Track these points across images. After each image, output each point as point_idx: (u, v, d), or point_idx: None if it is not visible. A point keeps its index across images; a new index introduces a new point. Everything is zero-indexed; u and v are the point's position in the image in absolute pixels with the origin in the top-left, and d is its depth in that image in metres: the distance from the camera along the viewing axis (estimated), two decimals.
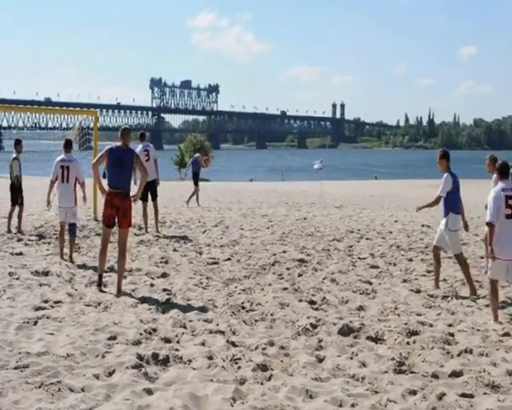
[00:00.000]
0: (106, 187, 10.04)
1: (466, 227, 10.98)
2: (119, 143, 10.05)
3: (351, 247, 15.06)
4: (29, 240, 14.68)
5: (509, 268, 8.68)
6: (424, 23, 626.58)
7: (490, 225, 8.60)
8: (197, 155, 27.08)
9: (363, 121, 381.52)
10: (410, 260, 13.53)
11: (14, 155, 15.84)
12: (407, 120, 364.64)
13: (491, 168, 11.12)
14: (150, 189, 16.43)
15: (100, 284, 10.06)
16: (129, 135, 10.16)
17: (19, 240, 14.65)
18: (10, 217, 15.84)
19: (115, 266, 10.70)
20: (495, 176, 10.28)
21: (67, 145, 13.05)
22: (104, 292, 9.83)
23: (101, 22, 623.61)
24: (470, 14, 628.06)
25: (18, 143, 15.98)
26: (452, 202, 10.45)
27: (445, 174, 10.49)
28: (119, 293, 9.69)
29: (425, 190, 47.23)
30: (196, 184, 26.24)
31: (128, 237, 10.49)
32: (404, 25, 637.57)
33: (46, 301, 9.10)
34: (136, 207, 10.50)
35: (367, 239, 16.45)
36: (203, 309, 8.95)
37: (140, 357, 6.69)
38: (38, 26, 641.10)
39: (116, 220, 9.96)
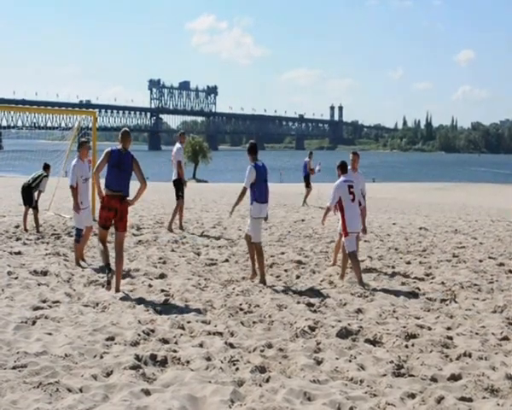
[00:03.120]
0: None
1: (265, 219, 11.55)
2: (119, 146, 9.88)
3: None
4: (28, 239, 14.66)
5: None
6: (422, 27, 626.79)
7: (327, 208, 11.53)
8: (306, 159, 28.12)
9: (361, 124, 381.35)
10: (409, 262, 13.53)
11: (45, 174, 16.56)
12: (405, 122, 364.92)
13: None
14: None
15: (109, 269, 9.97)
16: (129, 138, 10.03)
17: (17, 239, 14.65)
18: (25, 217, 16.35)
19: (113, 267, 10.63)
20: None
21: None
22: (110, 282, 9.84)
23: (101, 23, 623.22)
24: (468, 19, 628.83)
25: (47, 167, 16.83)
26: (256, 192, 11.13)
27: (249, 166, 11.17)
28: (118, 292, 9.69)
29: (423, 194, 47.27)
30: (307, 185, 27.98)
31: (125, 238, 10.44)
32: (402, 28, 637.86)
33: (44, 301, 9.07)
34: (131, 208, 10.40)
35: (365, 241, 16.39)
36: (201, 310, 8.94)
37: (138, 358, 6.67)
38: (38, 27, 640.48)
39: (113, 222, 9.87)
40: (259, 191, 11.12)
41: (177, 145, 17.47)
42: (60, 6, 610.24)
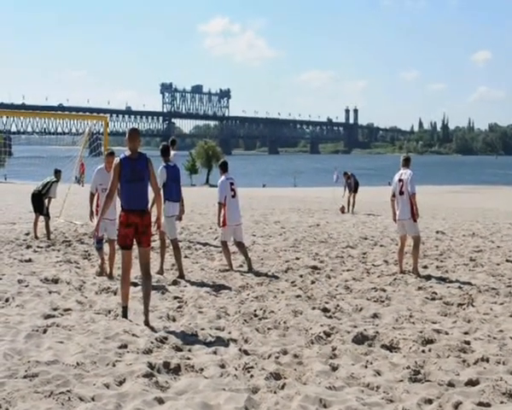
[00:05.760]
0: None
1: (180, 215, 12.48)
2: (127, 152, 8.37)
3: (364, 254, 14.97)
4: (38, 247, 14.67)
5: (235, 231, 12.81)
6: (438, 28, 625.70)
7: (219, 204, 12.66)
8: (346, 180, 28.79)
9: (376, 126, 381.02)
10: (425, 267, 13.41)
11: (55, 179, 16.64)
12: (421, 125, 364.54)
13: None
14: None
15: (125, 316, 8.60)
16: (138, 137, 8.54)
17: (28, 247, 14.66)
18: (36, 224, 16.30)
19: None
20: None
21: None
22: (131, 321, 8.70)
23: (112, 27, 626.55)
24: (484, 19, 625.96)
25: (58, 172, 17.01)
26: (168, 191, 11.88)
27: (160, 167, 11.75)
28: (147, 324, 8.29)
29: (440, 197, 47.03)
30: (350, 191, 28.30)
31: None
32: (417, 29, 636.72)
33: (56, 309, 9.02)
34: None
35: (381, 246, 16.35)
36: (215, 317, 8.88)
37: (151, 366, 6.60)
38: (48, 31, 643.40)
39: (134, 240, 8.39)
40: (170, 191, 11.87)
41: (173, 152, 16.80)
42: (70, 10, 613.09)
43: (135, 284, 10.35)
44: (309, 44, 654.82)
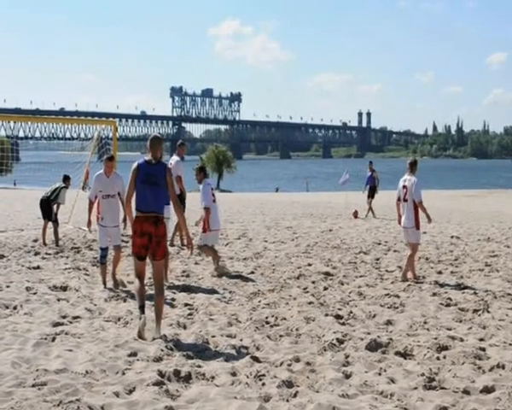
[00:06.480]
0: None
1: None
2: (147, 157, 8.32)
3: (378, 259, 14.86)
4: (46, 253, 14.65)
5: (215, 236, 13.16)
6: (452, 30, 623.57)
7: (206, 209, 12.77)
8: (370, 173, 28.31)
9: (389, 130, 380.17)
10: (440, 272, 13.29)
11: (64, 185, 16.57)
12: (435, 128, 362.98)
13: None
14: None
15: (143, 313, 8.18)
16: (160, 145, 8.37)
17: (36, 253, 14.64)
18: (44, 231, 16.25)
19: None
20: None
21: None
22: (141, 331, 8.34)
23: (121, 30, 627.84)
24: (500, 21, 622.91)
25: (67, 178, 16.91)
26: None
27: None
28: (159, 336, 8.02)
29: (454, 201, 46.79)
30: (369, 196, 27.83)
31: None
32: (433, 31, 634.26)
33: (64, 317, 8.98)
34: None
35: (394, 251, 16.24)
36: (226, 324, 8.81)
37: (161, 374, 6.55)
38: (56, 35, 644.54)
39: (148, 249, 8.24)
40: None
41: (176, 158, 16.16)
42: (78, 13, 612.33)
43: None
44: (323, 47, 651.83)
